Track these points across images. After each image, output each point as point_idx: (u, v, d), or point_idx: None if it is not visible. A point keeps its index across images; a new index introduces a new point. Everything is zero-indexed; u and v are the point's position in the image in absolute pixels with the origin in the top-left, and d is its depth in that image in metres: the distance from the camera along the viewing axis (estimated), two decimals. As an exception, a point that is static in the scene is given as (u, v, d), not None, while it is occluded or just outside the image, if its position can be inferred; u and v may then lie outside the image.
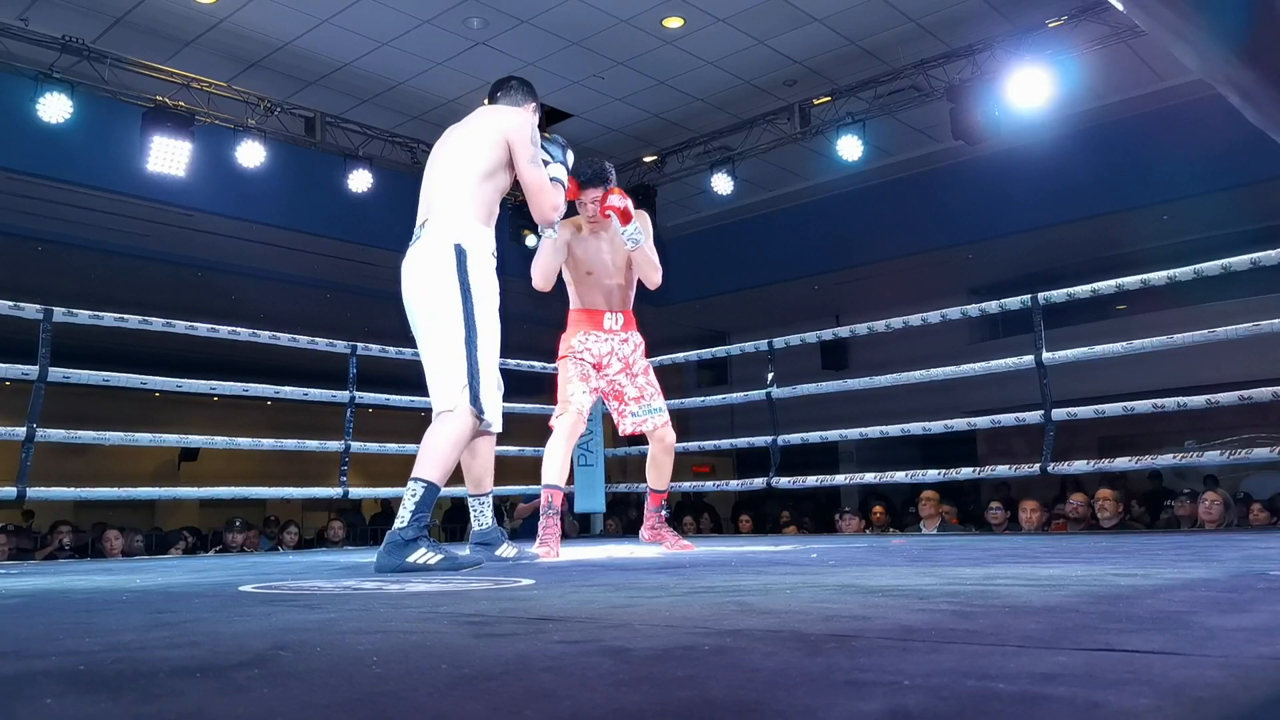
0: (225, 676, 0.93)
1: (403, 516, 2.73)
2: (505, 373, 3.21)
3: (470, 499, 3.28)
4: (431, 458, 2.81)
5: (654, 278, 3.87)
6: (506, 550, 3.23)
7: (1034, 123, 7.71)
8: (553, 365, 3.97)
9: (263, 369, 7.22)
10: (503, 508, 7.53)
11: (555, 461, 3.65)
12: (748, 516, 8.84)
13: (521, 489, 6.41)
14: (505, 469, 4.19)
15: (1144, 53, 7.65)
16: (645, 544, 4.06)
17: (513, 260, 4.70)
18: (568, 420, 3.71)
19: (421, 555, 2.67)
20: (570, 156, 3.43)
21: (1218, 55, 0.96)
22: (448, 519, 12.22)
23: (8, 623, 1.61)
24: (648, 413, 3.88)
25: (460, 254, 2.92)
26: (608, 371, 3.88)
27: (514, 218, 9.14)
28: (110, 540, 6.89)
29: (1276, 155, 3.31)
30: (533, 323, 5.37)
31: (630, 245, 3.72)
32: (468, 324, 2.88)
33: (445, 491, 3.02)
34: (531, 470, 4.41)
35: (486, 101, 3.38)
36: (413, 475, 2.80)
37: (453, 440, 2.84)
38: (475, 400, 2.85)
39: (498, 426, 3.02)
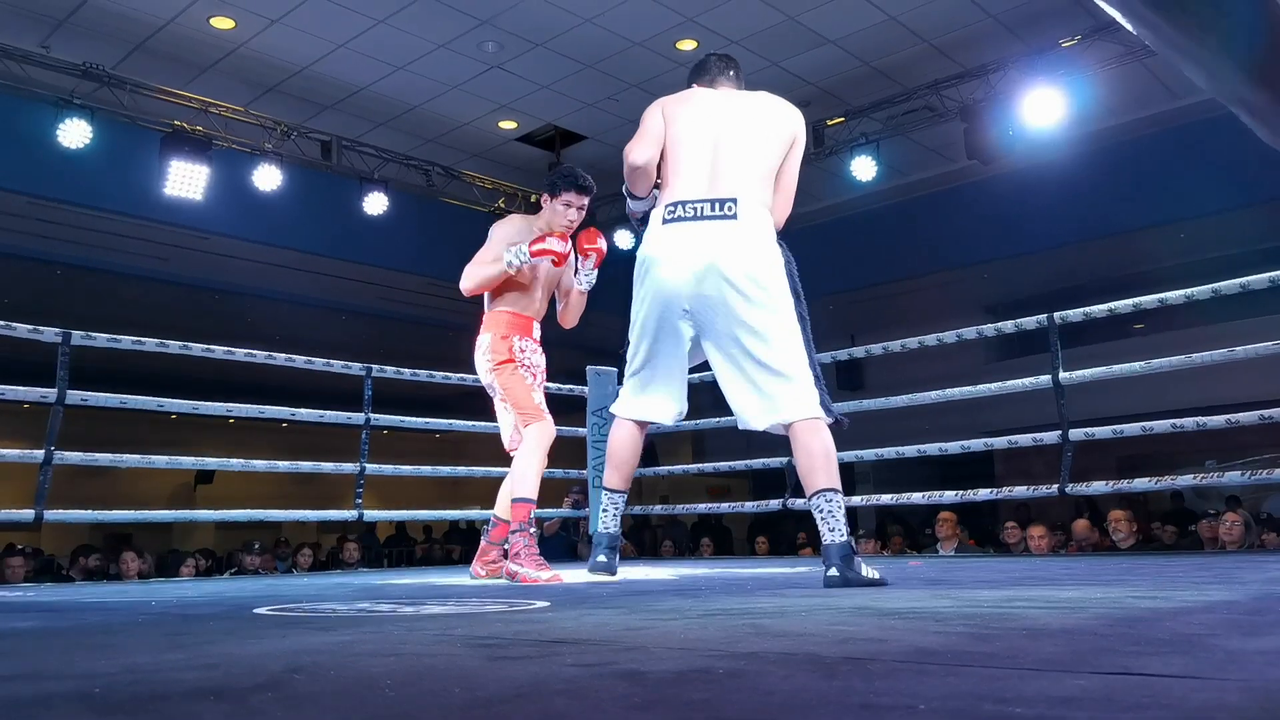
0: (240, 699, 0.93)
1: (838, 528, 2.68)
2: None
3: (611, 495, 3.28)
4: (825, 467, 2.73)
5: (574, 321, 3.83)
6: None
7: (1048, 142, 7.70)
8: (568, 385, 3.92)
9: (278, 391, 7.23)
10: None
11: (536, 475, 3.45)
12: (764, 538, 8.81)
13: (553, 511, 6.43)
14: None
15: (1158, 71, 7.64)
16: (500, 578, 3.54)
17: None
18: (547, 430, 3.54)
19: (866, 570, 2.64)
20: None
21: (1229, 76, 0.96)
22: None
23: (25, 645, 1.62)
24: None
25: (788, 256, 2.90)
26: (537, 383, 3.73)
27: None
28: (127, 562, 6.93)
29: (1293, 173, 3.30)
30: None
31: (583, 287, 3.69)
32: (804, 325, 2.90)
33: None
34: (559, 490, 4.29)
35: (692, 83, 3.09)
36: (818, 489, 2.71)
37: (831, 445, 2.78)
38: (825, 401, 2.81)
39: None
